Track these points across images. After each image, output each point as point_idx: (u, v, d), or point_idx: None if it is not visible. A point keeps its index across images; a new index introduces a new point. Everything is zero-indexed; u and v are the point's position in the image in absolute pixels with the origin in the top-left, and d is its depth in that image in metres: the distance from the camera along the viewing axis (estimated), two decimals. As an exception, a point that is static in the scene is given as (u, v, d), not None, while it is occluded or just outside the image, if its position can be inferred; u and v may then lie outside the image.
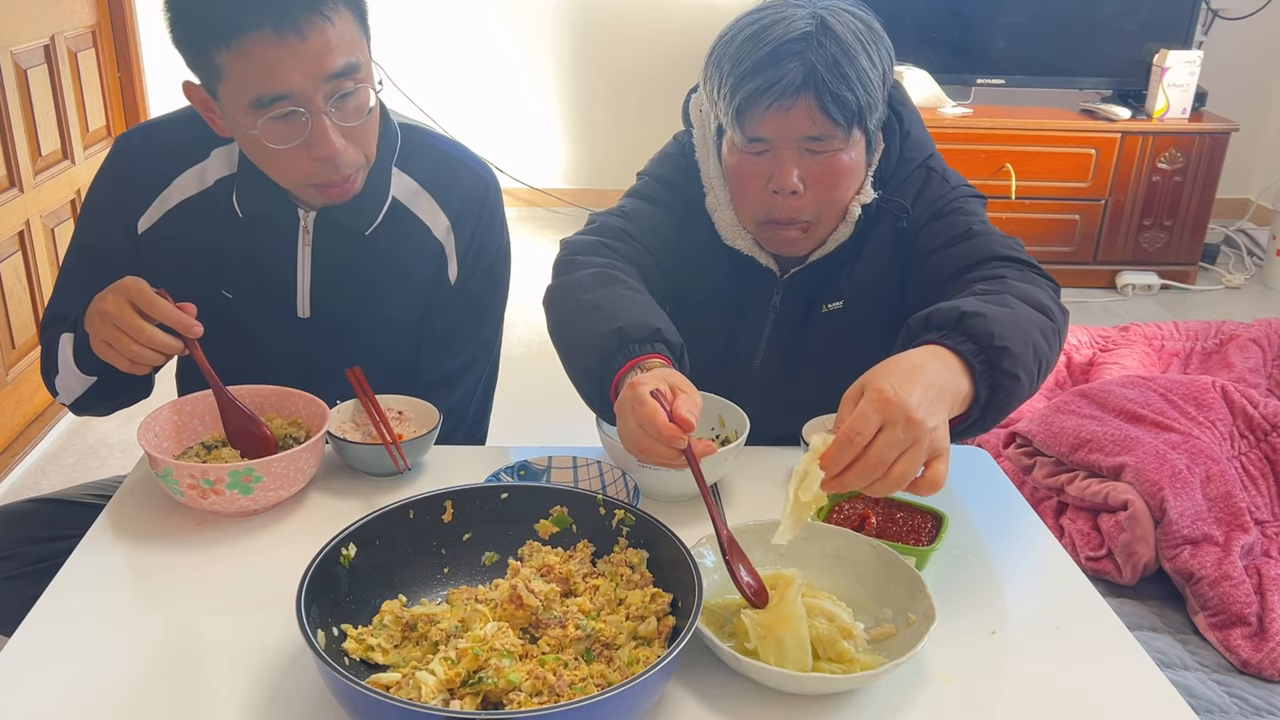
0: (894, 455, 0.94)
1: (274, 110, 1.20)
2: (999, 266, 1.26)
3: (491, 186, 1.48)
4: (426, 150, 1.43)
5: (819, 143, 1.25)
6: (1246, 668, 1.68)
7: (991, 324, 1.07)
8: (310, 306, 1.41)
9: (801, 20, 1.22)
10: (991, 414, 1.10)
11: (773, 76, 1.20)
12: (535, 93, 4.60)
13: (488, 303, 1.51)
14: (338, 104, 1.22)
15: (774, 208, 1.31)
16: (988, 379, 1.06)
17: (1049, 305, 1.19)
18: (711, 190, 1.41)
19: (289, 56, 1.17)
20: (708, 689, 0.96)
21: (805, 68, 1.20)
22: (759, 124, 1.24)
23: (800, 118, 1.22)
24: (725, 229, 1.40)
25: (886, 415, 0.94)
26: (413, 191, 1.41)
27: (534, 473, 1.27)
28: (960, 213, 1.35)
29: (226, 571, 1.11)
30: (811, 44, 1.21)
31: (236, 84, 1.19)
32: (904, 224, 1.37)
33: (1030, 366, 1.09)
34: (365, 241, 1.39)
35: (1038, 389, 1.17)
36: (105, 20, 3.18)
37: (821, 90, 1.20)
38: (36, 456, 2.69)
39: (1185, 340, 2.79)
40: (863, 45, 1.23)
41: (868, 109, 1.25)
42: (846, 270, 1.40)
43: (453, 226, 1.43)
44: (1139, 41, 4.00)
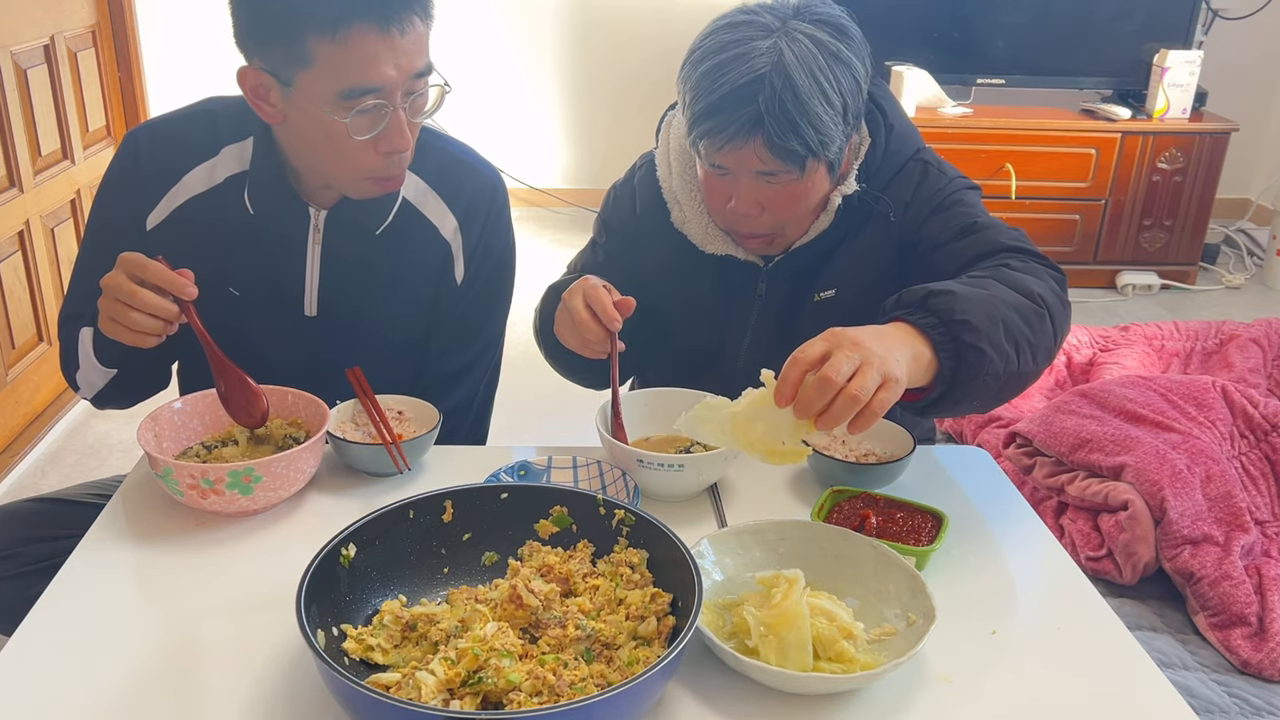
0: (848, 369, 0.98)
1: (361, 103, 1.21)
2: (1004, 257, 1.29)
3: (499, 188, 1.49)
4: (435, 151, 1.44)
5: (773, 176, 1.29)
6: (1246, 668, 1.68)
7: (956, 300, 1.12)
8: (318, 305, 1.42)
9: (760, 56, 1.22)
10: (962, 387, 1.12)
11: (724, 121, 1.24)
12: (536, 93, 4.61)
13: (492, 303, 1.51)
14: (412, 103, 1.26)
15: (734, 221, 1.36)
16: (950, 350, 1.10)
17: (1037, 291, 1.21)
18: (677, 205, 1.44)
19: (387, 51, 1.19)
20: (708, 689, 0.96)
21: (753, 116, 1.22)
22: (715, 156, 1.29)
23: (751, 156, 1.26)
24: (699, 237, 1.43)
25: (832, 342, 1.01)
26: (421, 192, 1.42)
27: (534, 473, 1.27)
28: (961, 204, 1.38)
29: (226, 571, 1.11)
30: (763, 88, 1.21)
31: (328, 73, 1.20)
32: (893, 217, 1.39)
33: (1000, 343, 1.12)
34: (375, 241, 1.39)
35: (1029, 370, 1.18)
36: (105, 20, 3.18)
37: (769, 137, 1.23)
38: (36, 456, 2.69)
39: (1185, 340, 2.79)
40: (819, 84, 1.23)
41: (820, 147, 1.25)
42: (833, 258, 1.42)
43: (460, 227, 1.44)
44: (1139, 41, 4.00)
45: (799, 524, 1.12)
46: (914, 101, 3.87)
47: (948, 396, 1.13)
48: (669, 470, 1.20)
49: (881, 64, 3.94)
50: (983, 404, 1.19)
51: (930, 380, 1.11)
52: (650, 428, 1.34)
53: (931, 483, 1.32)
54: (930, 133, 3.85)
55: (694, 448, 1.32)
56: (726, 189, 1.33)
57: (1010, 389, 1.18)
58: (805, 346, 1.02)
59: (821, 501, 1.21)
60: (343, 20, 1.17)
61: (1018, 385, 1.19)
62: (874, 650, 0.99)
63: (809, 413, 1.00)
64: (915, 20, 4.00)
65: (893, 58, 3.93)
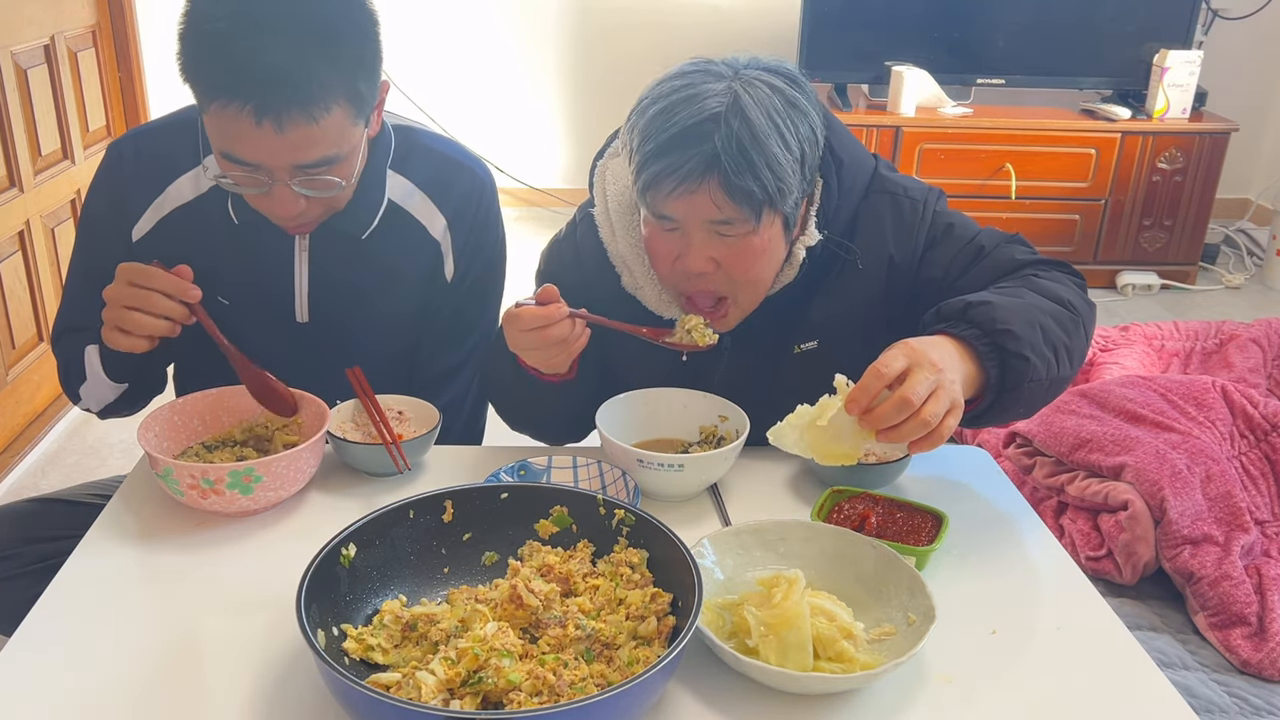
0: (925, 392, 1.01)
1: (236, 168, 1.21)
2: (1027, 270, 1.29)
3: (487, 184, 1.48)
4: (421, 151, 1.43)
5: (727, 225, 1.19)
6: (1246, 668, 1.68)
7: (995, 310, 1.12)
8: (308, 311, 1.41)
9: (715, 97, 1.15)
10: (1008, 395, 1.14)
11: (676, 161, 1.15)
12: (535, 93, 4.61)
13: (484, 298, 1.51)
14: (305, 181, 1.22)
15: (685, 284, 1.26)
16: (995, 360, 1.11)
17: (1067, 297, 1.22)
18: (627, 269, 1.34)
19: (261, 140, 1.15)
20: (708, 689, 0.96)
21: (710, 153, 1.14)
22: (665, 204, 1.19)
23: (705, 201, 1.16)
24: (654, 304, 1.33)
25: (913, 359, 1.02)
26: (408, 192, 1.41)
27: (534, 473, 1.27)
28: (953, 229, 1.32)
29: (226, 571, 1.11)
30: (720, 126, 1.14)
31: (213, 131, 1.20)
32: (861, 265, 1.31)
33: (1041, 349, 1.13)
34: (361, 245, 1.39)
35: (1067, 374, 1.19)
36: (105, 20, 3.18)
37: (725, 177, 1.14)
38: (36, 456, 2.69)
39: (1185, 340, 2.79)
40: (777, 127, 1.16)
41: (778, 194, 1.17)
42: (809, 310, 1.34)
43: (450, 225, 1.43)
44: (1139, 41, 4.00)
45: (799, 524, 1.12)
46: (914, 101, 3.87)
47: (995, 405, 1.15)
48: (669, 470, 1.20)
49: (881, 64, 3.94)
50: (1027, 410, 1.21)
51: (976, 392, 1.12)
52: (650, 428, 1.34)
53: (931, 483, 1.32)
54: (930, 133, 3.85)
55: (693, 448, 1.32)
56: (674, 246, 1.23)
57: (1052, 394, 1.20)
58: (888, 360, 1.02)
59: (821, 501, 1.21)
60: (219, 95, 1.14)
61: (1057, 390, 1.21)
62: (874, 650, 0.99)
63: (880, 426, 1.02)
64: (915, 20, 4.00)
65: (893, 58, 3.93)
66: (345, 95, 1.18)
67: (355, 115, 1.22)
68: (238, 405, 1.31)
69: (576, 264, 1.38)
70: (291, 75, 1.13)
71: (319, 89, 1.15)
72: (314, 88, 1.14)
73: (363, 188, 1.36)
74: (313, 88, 1.14)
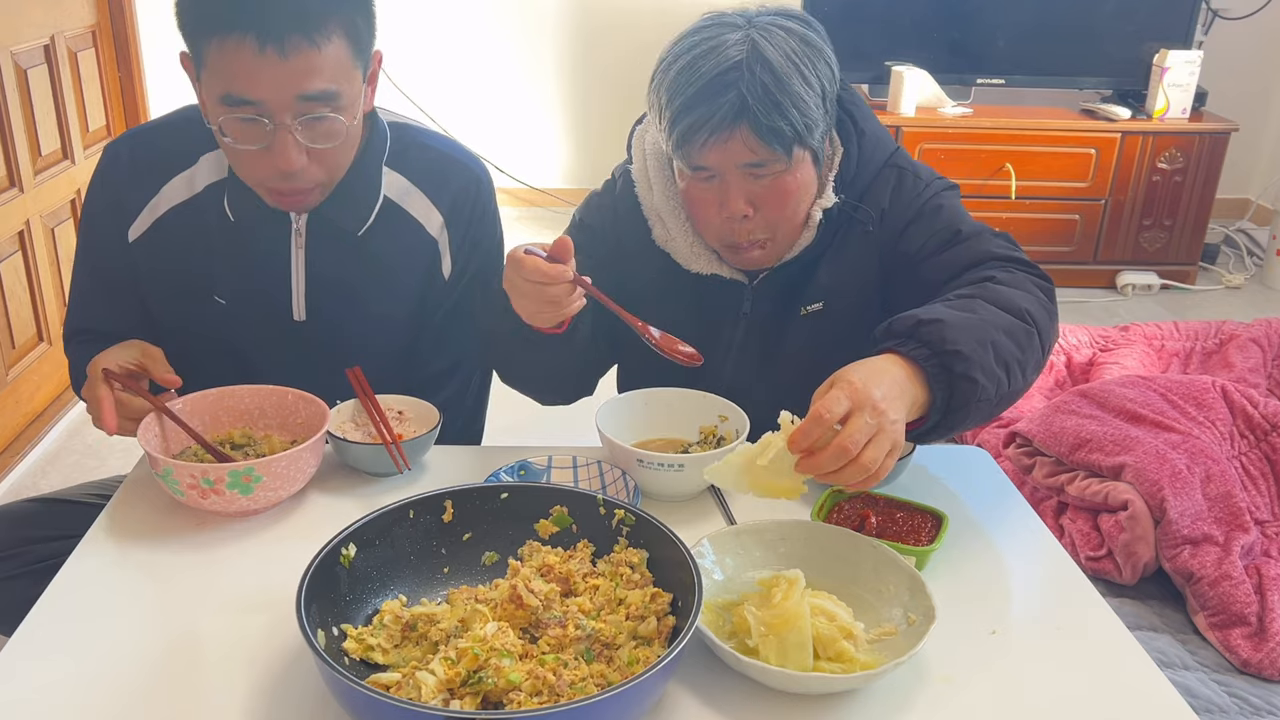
0: (863, 439, 0.99)
1: (239, 111, 1.20)
2: (991, 267, 1.28)
3: (484, 181, 1.48)
4: (417, 148, 1.43)
5: (761, 168, 1.25)
6: (1246, 668, 1.68)
7: (946, 329, 1.10)
8: (305, 309, 1.41)
9: (734, 46, 1.21)
10: (954, 415, 1.13)
11: (706, 112, 1.21)
12: (535, 93, 4.61)
13: (483, 295, 1.50)
14: (306, 124, 1.22)
15: (730, 231, 1.31)
16: (943, 382, 1.10)
17: (1024, 307, 1.20)
18: (660, 223, 1.39)
19: (264, 68, 1.17)
20: (708, 689, 0.96)
21: (737, 100, 1.20)
22: (700, 155, 1.25)
23: (738, 147, 1.22)
24: (684, 256, 1.39)
25: (855, 401, 1.00)
26: (404, 189, 1.41)
27: (534, 473, 1.27)
28: (941, 211, 1.35)
29: (226, 571, 1.11)
30: (743, 73, 1.20)
31: (212, 76, 1.20)
32: (871, 229, 1.36)
33: (991, 369, 1.12)
34: (358, 242, 1.39)
35: (1019, 388, 1.18)
36: (105, 20, 3.18)
37: (755, 120, 1.20)
38: (36, 456, 2.69)
39: (1185, 340, 2.79)
40: (796, 66, 1.22)
41: (806, 130, 1.24)
42: (818, 273, 1.39)
43: (446, 223, 1.43)
44: (1139, 41, 4.00)
45: (799, 524, 1.12)
46: (914, 101, 3.86)
47: (941, 425, 1.14)
48: (669, 470, 1.20)
49: (881, 64, 3.93)
50: (975, 424, 1.20)
51: (923, 411, 1.11)
52: (650, 428, 1.34)
53: (931, 483, 1.32)
54: (930, 133, 3.85)
55: (693, 448, 1.32)
56: (713, 195, 1.29)
57: (1002, 407, 1.20)
58: (829, 404, 0.99)
59: (821, 501, 1.21)
60: (219, 29, 1.16)
61: (1009, 403, 1.20)
62: (874, 650, 0.99)
63: (817, 472, 1.01)
64: (915, 20, 4.00)
65: (893, 58, 3.93)
66: (344, 27, 1.21)
67: (354, 55, 1.23)
68: (238, 405, 1.31)
69: (613, 216, 1.44)
70: None
71: (318, 9, 1.18)
72: (313, 7, 1.17)
73: (358, 183, 1.36)
74: (311, 7, 1.17)
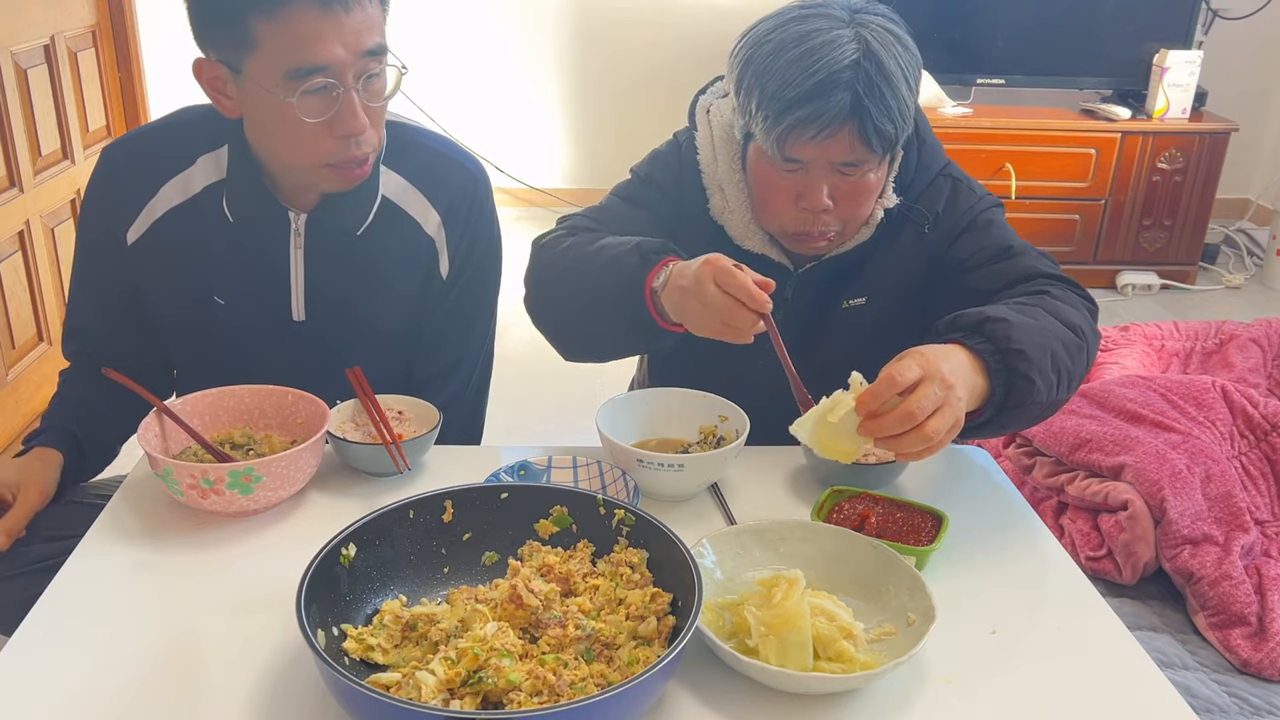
0: (930, 408, 1.02)
1: (309, 83, 1.20)
2: (1043, 283, 1.32)
3: (480, 181, 1.48)
4: (414, 147, 1.43)
5: (854, 167, 1.28)
6: (1246, 668, 1.68)
7: (1011, 329, 1.14)
8: (304, 309, 1.41)
9: (848, 44, 1.22)
10: (1008, 414, 1.16)
11: (820, 108, 1.21)
12: (535, 92, 4.61)
13: (482, 296, 1.51)
14: (365, 84, 1.25)
15: (802, 221, 1.33)
16: (1003, 378, 1.13)
17: (1079, 324, 1.25)
18: (719, 193, 1.41)
19: (331, 28, 1.18)
20: (708, 689, 0.96)
21: (853, 99, 1.21)
22: (798, 149, 1.25)
23: (841, 146, 1.24)
24: (737, 231, 1.40)
25: (926, 371, 1.03)
26: (402, 189, 1.41)
27: (534, 473, 1.27)
28: (993, 226, 1.40)
29: (226, 571, 1.11)
30: (860, 74, 1.21)
31: (272, 54, 1.19)
32: (926, 230, 1.40)
33: (1048, 374, 1.16)
34: (357, 241, 1.39)
35: (1062, 399, 1.22)
36: (105, 20, 3.18)
37: (865, 122, 1.22)
38: (36, 456, 2.68)
39: (1185, 340, 2.79)
40: (903, 72, 1.24)
41: (900, 135, 1.27)
42: (865, 268, 1.42)
43: (444, 222, 1.43)
44: (1139, 41, 4.00)
45: (799, 524, 1.12)
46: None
47: (993, 421, 1.17)
48: (669, 470, 1.20)
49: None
50: (1019, 428, 1.24)
51: (978, 405, 1.14)
52: (650, 428, 1.34)
53: (931, 483, 1.32)
54: (930, 133, 3.85)
55: (693, 448, 1.32)
56: (793, 185, 1.30)
57: (1045, 415, 1.23)
58: (902, 369, 1.03)
59: (821, 501, 1.21)
60: (273, 4, 1.16)
61: (1051, 412, 1.24)
62: (874, 650, 0.99)
63: (881, 434, 1.03)
64: (915, 20, 3.94)
65: (893, 58, 3.93)
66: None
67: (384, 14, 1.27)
68: (238, 405, 1.31)
69: (678, 175, 1.45)
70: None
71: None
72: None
73: None
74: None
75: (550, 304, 1.38)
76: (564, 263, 1.35)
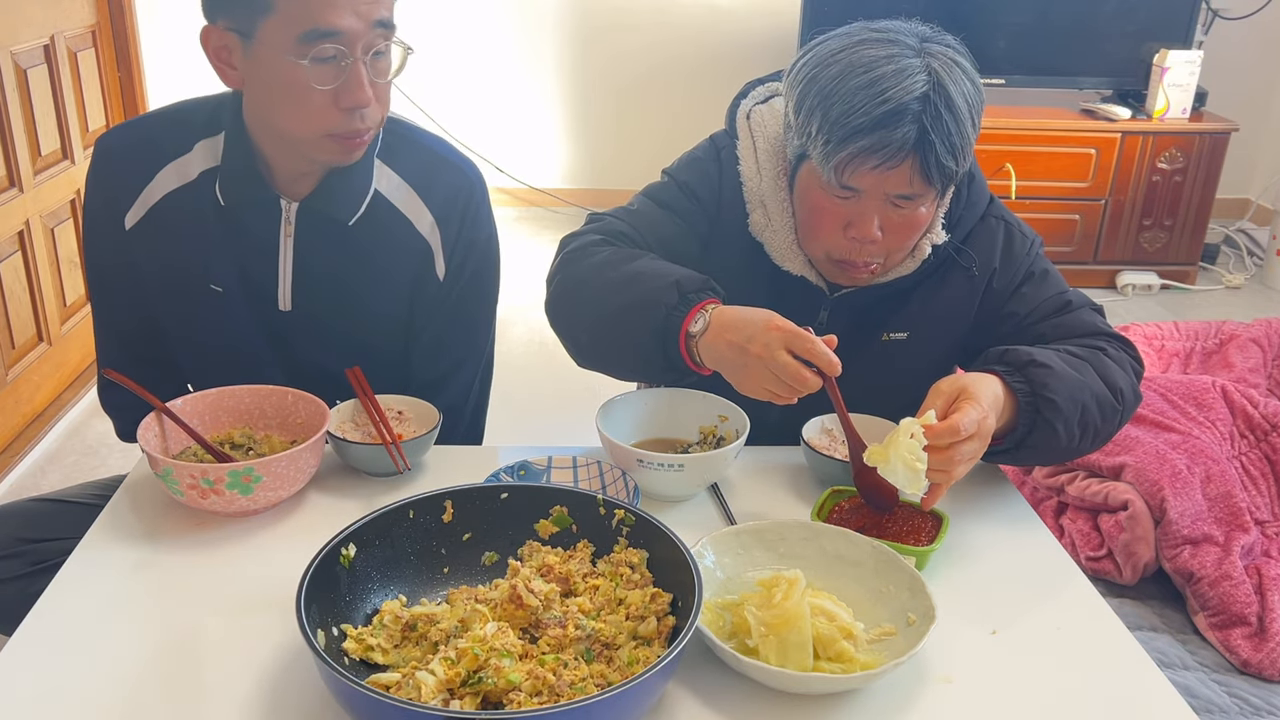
0: (965, 464, 1.13)
1: (319, 48, 1.21)
2: (1101, 340, 1.33)
3: (476, 184, 1.46)
4: (410, 146, 1.43)
5: (909, 200, 1.24)
6: (1246, 668, 1.68)
7: (1050, 376, 1.20)
8: (290, 300, 1.41)
9: (918, 74, 1.18)
10: (1026, 450, 1.24)
11: (885, 138, 1.17)
12: (535, 93, 4.61)
13: (480, 299, 1.50)
14: (373, 60, 1.25)
15: (848, 250, 1.29)
16: (1029, 419, 1.20)
17: (1122, 387, 1.28)
18: (761, 209, 1.36)
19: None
20: (708, 689, 0.96)
21: (918, 133, 1.18)
22: (856, 177, 1.22)
23: (900, 178, 1.21)
24: (778, 250, 1.36)
25: (980, 431, 1.12)
26: (395, 186, 1.40)
27: (534, 473, 1.27)
28: (1049, 276, 1.40)
29: (226, 571, 1.11)
30: (929, 108, 1.17)
31: (288, 17, 1.20)
32: (975, 272, 1.38)
33: (1073, 426, 1.21)
34: (347, 233, 1.38)
35: (1085, 450, 1.28)
36: (105, 20, 3.18)
37: (928, 157, 1.19)
38: (36, 456, 2.69)
39: (1185, 340, 2.79)
40: (969, 109, 1.21)
41: (962, 170, 1.25)
42: (908, 302, 1.39)
43: (437, 223, 1.42)
44: (1139, 41, 4.00)
45: (799, 524, 1.12)
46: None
47: (1010, 454, 1.25)
48: (669, 470, 1.20)
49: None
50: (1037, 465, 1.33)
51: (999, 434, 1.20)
52: (650, 428, 1.34)
53: (931, 483, 1.32)
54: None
55: (693, 448, 1.32)
56: (844, 213, 1.26)
57: (1061, 460, 1.30)
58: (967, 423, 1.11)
59: (821, 501, 1.21)
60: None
61: (1070, 459, 1.32)
62: (874, 650, 0.99)
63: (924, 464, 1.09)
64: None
65: (893, 58, 3.93)
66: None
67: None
68: (238, 405, 1.31)
69: (719, 186, 1.40)
70: None
71: None
72: None
73: (350, 172, 1.35)
74: None
75: (573, 318, 1.34)
76: (597, 281, 1.29)
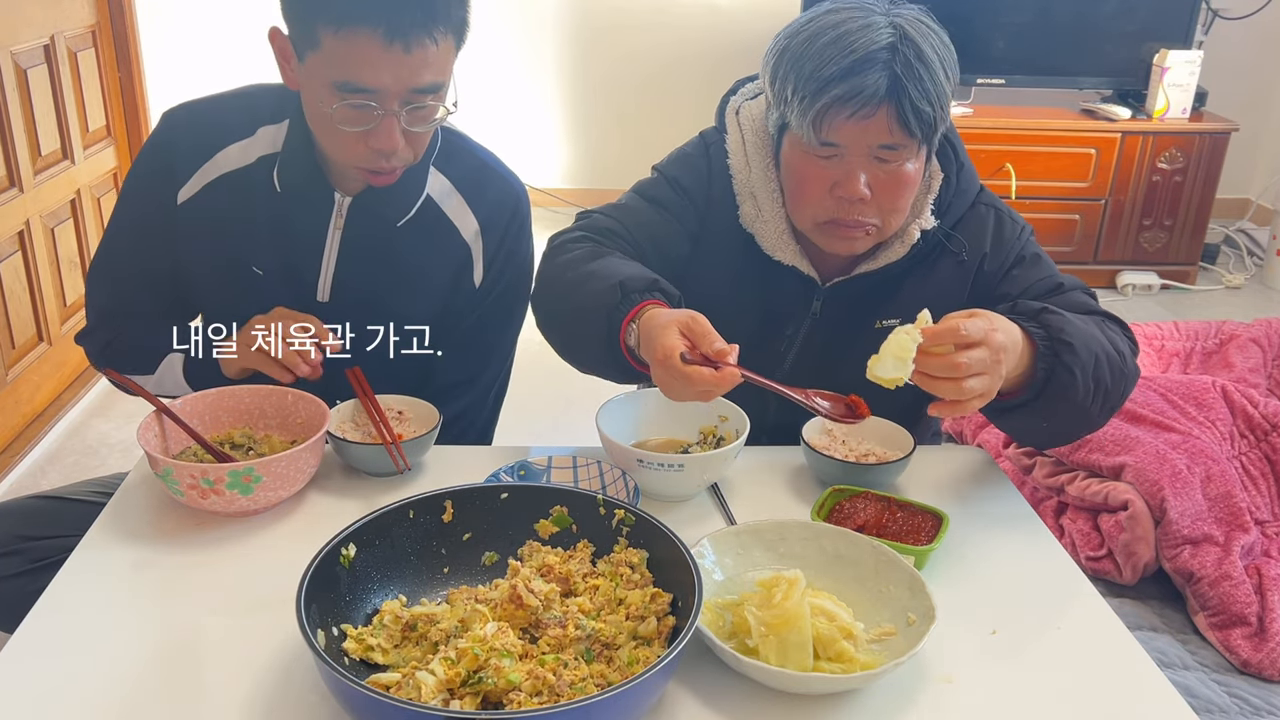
0: (976, 369, 1.08)
1: (352, 98, 1.23)
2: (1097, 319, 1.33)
3: (522, 197, 1.49)
4: (463, 154, 1.46)
5: (891, 151, 1.25)
6: (1246, 668, 1.68)
7: (1065, 323, 1.20)
8: (330, 291, 1.42)
9: (883, 30, 1.22)
10: (1045, 401, 1.20)
11: (857, 85, 1.20)
12: (535, 93, 4.61)
13: (508, 315, 1.52)
14: (411, 112, 1.26)
15: (837, 210, 1.29)
16: (1047, 363, 1.19)
17: (1124, 352, 1.29)
18: (750, 200, 1.38)
19: (387, 61, 1.20)
20: (708, 689, 0.96)
21: (890, 78, 1.20)
22: (836, 130, 1.23)
23: (879, 127, 1.22)
24: (769, 241, 1.37)
25: (987, 338, 1.09)
26: (446, 191, 1.43)
27: (534, 473, 1.27)
28: (1040, 260, 1.40)
29: (226, 571, 1.11)
30: (896, 55, 1.20)
31: (328, 62, 1.22)
32: (965, 258, 1.39)
33: (1088, 377, 1.20)
34: (395, 233, 1.40)
35: (1095, 413, 1.26)
36: (105, 20, 3.18)
37: (903, 101, 1.20)
38: (36, 456, 2.69)
39: (1185, 340, 2.79)
40: (939, 59, 1.24)
41: (939, 123, 1.26)
42: (900, 289, 1.39)
43: (481, 231, 1.44)
44: (1139, 41, 4.00)
45: (799, 524, 1.12)
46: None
47: (1030, 406, 1.21)
48: (669, 470, 1.20)
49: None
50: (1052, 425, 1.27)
51: (1017, 388, 1.19)
52: (650, 428, 1.34)
53: (931, 483, 1.32)
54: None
55: (693, 448, 1.32)
56: (829, 174, 1.27)
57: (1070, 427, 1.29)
58: (969, 327, 1.08)
59: (821, 501, 1.21)
60: (348, 19, 1.18)
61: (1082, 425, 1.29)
62: (874, 650, 0.99)
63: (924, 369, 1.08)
64: (915, 20, 3.99)
65: (893, 58, 3.93)
66: (455, 25, 1.25)
67: (457, 48, 1.29)
68: (238, 405, 1.31)
69: (708, 181, 1.41)
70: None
71: (442, 9, 1.22)
72: (438, 9, 1.21)
73: (407, 176, 1.37)
74: (437, 9, 1.21)
75: (545, 317, 1.36)
76: (559, 282, 1.31)
